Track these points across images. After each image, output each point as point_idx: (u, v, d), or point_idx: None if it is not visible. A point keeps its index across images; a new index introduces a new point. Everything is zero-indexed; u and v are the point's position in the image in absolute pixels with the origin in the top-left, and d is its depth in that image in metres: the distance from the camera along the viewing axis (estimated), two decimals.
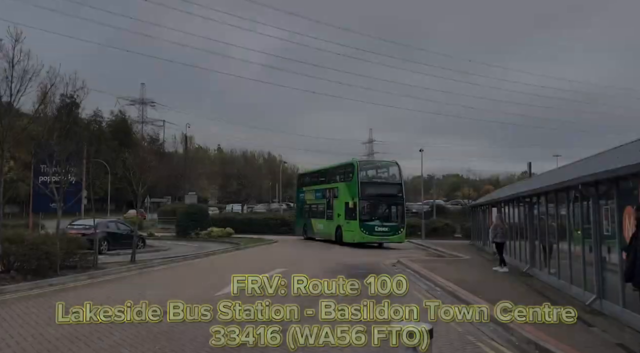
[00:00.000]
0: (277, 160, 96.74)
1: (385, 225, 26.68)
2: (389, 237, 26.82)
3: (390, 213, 27.38)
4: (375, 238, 26.55)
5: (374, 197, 26.92)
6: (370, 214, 26.72)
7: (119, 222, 25.31)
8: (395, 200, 27.38)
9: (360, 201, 26.43)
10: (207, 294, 11.04)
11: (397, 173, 28.26)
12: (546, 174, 19.57)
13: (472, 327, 8.40)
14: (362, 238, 26.29)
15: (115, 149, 60.32)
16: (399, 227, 27.13)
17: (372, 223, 26.44)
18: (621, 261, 8.01)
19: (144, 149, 27.06)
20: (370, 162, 31.31)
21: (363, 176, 27.65)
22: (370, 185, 27.29)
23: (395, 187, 27.64)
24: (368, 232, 26.20)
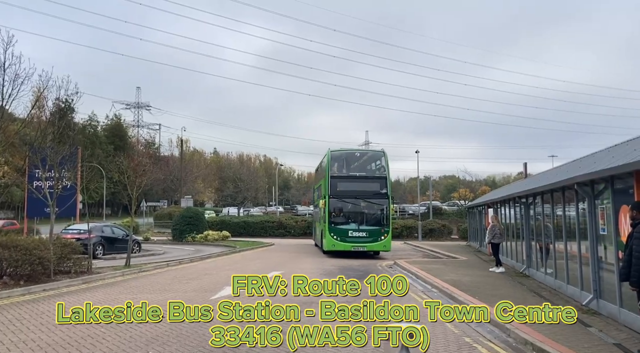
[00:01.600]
0: (274, 163, 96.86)
1: (363, 229, 21.90)
2: (368, 243, 21.84)
3: (370, 215, 22.38)
4: (348, 245, 21.71)
5: (348, 194, 22.13)
6: (343, 216, 22.30)
7: (114, 226, 25.17)
8: (377, 199, 22.19)
9: (330, 200, 22.00)
10: (202, 298, 10.97)
11: (382, 165, 22.92)
12: (542, 174, 19.57)
13: (469, 328, 8.36)
14: (331, 245, 21.83)
15: (111, 152, 60.16)
16: (382, 231, 22.07)
17: (344, 228, 21.91)
18: (617, 260, 7.98)
19: (139, 153, 26.93)
20: (348, 151, 24.63)
21: (336, 169, 22.97)
22: (343, 180, 22.42)
23: (377, 182, 22.34)
24: (340, 238, 21.69)
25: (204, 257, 21.69)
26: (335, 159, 23.20)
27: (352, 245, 21.69)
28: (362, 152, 25.01)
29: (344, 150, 24.99)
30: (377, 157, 23.58)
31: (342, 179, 22.46)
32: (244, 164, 79.91)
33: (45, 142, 15.11)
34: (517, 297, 11.19)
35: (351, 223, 22.07)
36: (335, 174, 22.45)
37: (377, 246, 22.06)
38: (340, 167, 23.27)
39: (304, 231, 40.28)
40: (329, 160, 22.62)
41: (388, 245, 22.24)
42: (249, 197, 68.88)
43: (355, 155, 24.80)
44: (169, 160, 69.45)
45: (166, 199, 66.27)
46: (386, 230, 22.14)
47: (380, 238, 22.00)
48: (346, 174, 23.04)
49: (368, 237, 21.88)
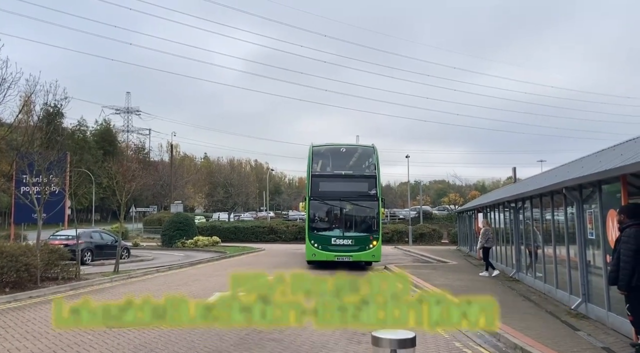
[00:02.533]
0: (265, 168, 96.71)
1: (349, 236, 18.89)
2: (354, 253, 18.69)
3: (357, 220, 19.55)
4: (331, 255, 18.58)
5: (331, 195, 19.36)
6: (326, 221, 19.55)
7: (102, 232, 24.95)
8: (366, 201, 19.24)
9: (311, 202, 19.21)
10: None
11: (372, 162, 19.98)
12: (531, 178, 19.70)
13: (458, 333, 8.37)
14: (311, 255, 18.94)
15: (100, 158, 59.77)
16: (370, 239, 18.97)
17: (326, 234, 18.98)
18: (605, 264, 8.03)
19: (128, 158, 26.79)
20: (333, 146, 21.30)
21: (319, 167, 20.37)
22: (326, 179, 19.73)
23: (366, 181, 19.47)
24: (321, 246, 18.74)
25: (193, 263, 21.55)
26: (318, 155, 20.35)
27: (336, 254, 18.57)
28: (349, 148, 21.26)
29: (328, 145, 21.41)
30: (366, 153, 20.58)
31: (326, 178, 19.74)
32: (234, 169, 79.57)
33: (32, 147, 14.97)
34: (507, 301, 11.22)
35: (335, 229, 19.14)
36: (317, 173, 19.76)
37: (365, 255, 18.90)
38: (323, 164, 20.63)
39: (295, 236, 40.21)
40: (311, 156, 19.78)
41: (378, 254, 19.03)
42: (240, 202, 68.65)
43: (340, 151, 21.04)
44: (158, 165, 69.12)
45: (156, 205, 65.88)
46: (375, 237, 18.94)
47: (369, 247, 18.83)
48: (330, 172, 20.25)
49: (354, 245, 18.78)
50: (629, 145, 9.06)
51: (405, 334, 3.45)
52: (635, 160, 6.63)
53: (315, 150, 20.24)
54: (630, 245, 6.27)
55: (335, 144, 21.48)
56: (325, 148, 21.03)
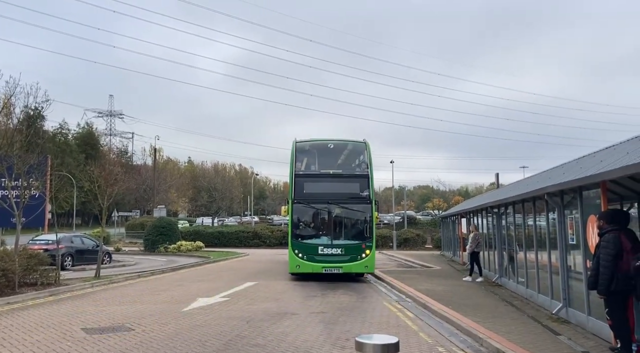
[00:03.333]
0: (249, 172, 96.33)
1: (338, 245, 16.51)
2: (344, 263, 16.38)
3: (348, 226, 17.21)
4: (318, 266, 16.33)
5: (318, 198, 16.90)
6: (311, 227, 17.18)
7: (83, 236, 24.60)
8: (357, 204, 16.90)
9: (294, 206, 16.85)
10: (174, 310, 10.77)
11: (364, 160, 17.70)
12: (513, 184, 19.92)
13: (442, 338, 8.40)
14: (295, 266, 16.61)
15: (82, 161, 59.00)
16: (363, 247, 16.61)
17: (312, 243, 16.60)
18: (585, 269, 8.14)
19: (111, 162, 26.46)
20: (319, 142, 19.14)
21: (303, 165, 18.11)
22: (312, 179, 17.39)
23: (357, 181, 17.19)
24: (306, 256, 16.44)
25: (176, 268, 21.35)
26: (302, 152, 18.10)
27: (323, 265, 16.31)
28: (337, 144, 18.97)
29: (314, 140, 19.23)
30: (358, 149, 18.34)
31: (311, 178, 17.40)
32: (218, 173, 79.26)
33: (12, 150, 14.71)
34: (489, 306, 11.31)
35: (322, 237, 16.76)
36: (301, 172, 17.42)
37: (357, 266, 16.56)
38: (308, 162, 18.39)
39: (280, 241, 40.14)
40: (294, 153, 17.47)
41: (371, 264, 16.78)
42: (224, 206, 68.31)
43: (328, 147, 18.63)
44: (141, 169, 68.50)
45: (138, 209, 65.25)
46: (368, 245, 16.60)
47: (361, 256, 16.46)
48: (316, 171, 17.89)
49: (344, 255, 16.44)
50: (609, 152, 9.22)
51: (389, 339, 3.45)
52: (615, 166, 6.75)
53: (299, 146, 17.92)
54: (610, 250, 6.37)
55: (321, 140, 19.25)
56: (310, 144, 18.85)
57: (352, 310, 10.96)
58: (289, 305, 11.71)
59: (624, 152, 7.74)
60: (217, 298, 12.50)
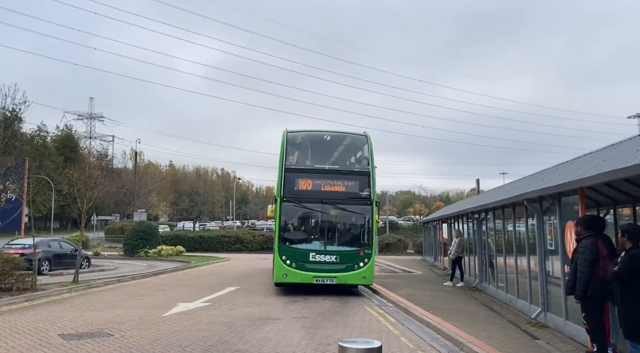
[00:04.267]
0: (232, 177, 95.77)
1: (332, 251, 14.36)
2: (339, 273, 14.21)
3: (344, 230, 15.04)
4: (308, 276, 14.14)
5: (310, 197, 14.72)
6: (302, 230, 15.10)
7: (62, 240, 24.16)
8: (356, 205, 14.73)
9: (282, 205, 14.65)
10: (154, 315, 10.65)
11: (364, 156, 15.73)
12: (493, 190, 20.20)
13: (423, 343, 8.46)
14: (282, 275, 14.30)
15: (61, 164, 58.03)
16: (361, 255, 14.37)
17: (302, 248, 14.47)
18: (563, 274, 8.28)
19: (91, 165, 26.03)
20: (314, 133, 17.00)
21: (295, 159, 15.85)
22: (304, 175, 15.11)
23: (356, 179, 15.05)
24: (295, 263, 14.22)
25: (157, 273, 21.11)
26: (294, 144, 15.96)
27: (315, 275, 14.11)
28: (334, 136, 16.65)
29: (308, 131, 17.01)
30: (357, 143, 16.27)
31: (303, 174, 15.09)
32: (200, 177, 78.57)
33: None
34: (470, 310, 11.42)
35: (314, 242, 14.61)
36: (292, 166, 15.08)
37: (353, 277, 14.28)
38: (301, 156, 16.22)
39: (262, 246, 40.00)
40: (284, 145, 15.21)
41: (370, 275, 14.43)
42: (206, 211, 67.80)
43: (323, 139, 16.30)
44: (122, 173, 67.65)
45: (118, 213, 64.33)
46: (367, 252, 14.40)
47: (358, 265, 14.25)
48: (310, 166, 15.63)
49: (339, 263, 14.24)
50: (586, 159, 9.42)
51: (372, 344, 3.47)
52: (592, 173, 6.90)
53: (290, 137, 15.66)
54: (587, 255, 6.49)
55: (316, 131, 17.18)
56: (303, 135, 16.58)
57: (334, 315, 10.97)
58: (271, 310, 11.67)
59: (600, 159, 7.92)
60: (198, 303, 12.39)
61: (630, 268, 5.77)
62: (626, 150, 7.33)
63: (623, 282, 5.84)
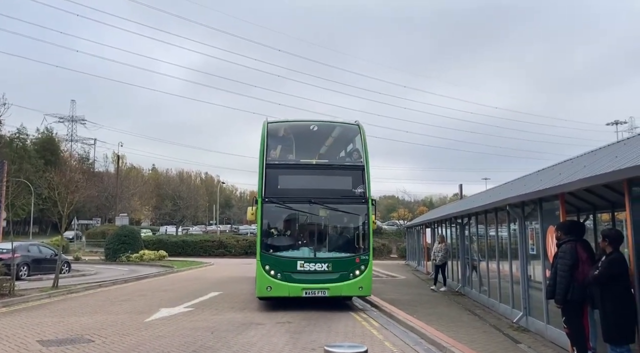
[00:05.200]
0: (215, 181, 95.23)
1: (324, 258, 12.48)
2: (332, 284, 12.29)
3: (336, 233, 13.40)
4: (296, 288, 12.18)
5: (296, 196, 12.92)
6: (287, 235, 13.23)
7: (41, 245, 23.77)
8: (349, 204, 12.95)
9: (264, 206, 12.71)
10: (136, 320, 10.52)
11: (356, 148, 13.94)
12: (476, 195, 20.40)
13: (407, 347, 8.48)
14: (265, 288, 12.23)
15: (41, 167, 57.10)
16: (357, 262, 12.56)
17: (288, 256, 12.54)
18: (544, 279, 8.39)
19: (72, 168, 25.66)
20: (298, 123, 15.15)
21: (277, 152, 13.85)
22: (287, 171, 13.32)
23: (349, 175, 13.27)
24: (280, 273, 12.25)
25: (139, 278, 20.87)
26: (276, 136, 14.03)
27: (304, 287, 12.20)
28: (322, 126, 14.63)
29: (292, 121, 15.11)
30: (349, 134, 14.53)
31: (287, 170, 13.29)
32: (183, 181, 78.07)
33: None
34: (453, 315, 11.50)
35: (302, 248, 12.73)
36: (274, 162, 13.13)
37: (349, 288, 12.40)
38: (285, 150, 14.29)
39: (245, 250, 39.78)
40: (265, 137, 13.25)
41: (367, 284, 12.56)
42: (189, 215, 67.27)
43: (310, 130, 14.40)
44: (104, 176, 66.75)
45: (100, 217, 63.52)
46: (364, 258, 12.57)
47: (354, 274, 12.38)
48: (294, 161, 13.76)
49: (332, 272, 12.34)
50: (567, 165, 9.59)
51: (357, 348, 3.48)
52: (573, 179, 7.02)
53: (271, 128, 13.78)
54: (566, 260, 6.58)
55: (301, 120, 15.44)
56: (287, 126, 14.62)
57: (318, 320, 10.95)
58: (255, 315, 11.60)
59: (581, 166, 8.06)
60: (181, 309, 12.27)
61: (611, 273, 5.88)
62: (605, 157, 7.48)
63: (603, 286, 5.94)
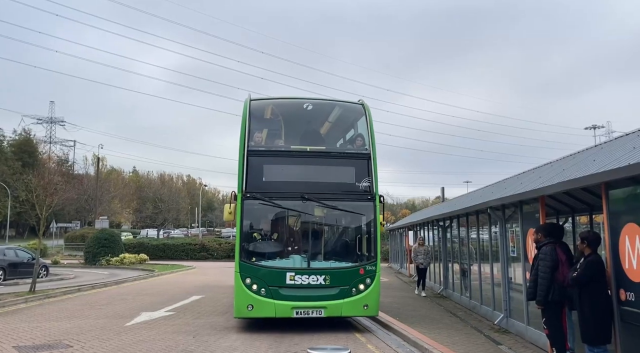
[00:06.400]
0: (197, 183, 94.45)
1: (319, 269, 9.94)
2: (329, 301, 9.83)
3: (335, 238, 11.16)
4: (285, 307, 9.72)
5: (285, 191, 10.31)
6: (273, 240, 10.64)
7: (18, 248, 23.30)
8: (352, 201, 10.48)
9: (245, 203, 10.05)
10: (116, 325, 10.37)
11: (359, 133, 11.31)
12: (458, 198, 20.59)
13: (389, 349, 8.51)
14: (245, 307, 9.70)
15: (18, 169, 56.05)
16: (361, 273, 10.12)
17: (275, 266, 9.92)
18: (525, 281, 8.50)
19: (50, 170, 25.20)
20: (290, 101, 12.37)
21: (263, 137, 11.10)
22: (274, 159, 10.74)
23: (351, 165, 10.73)
24: (265, 288, 9.69)
25: (119, 282, 20.58)
26: (261, 117, 11.41)
27: (294, 305, 9.70)
28: (318, 105, 12.09)
29: (281, 99, 12.53)
30: (351, 115, 11.81)
31: (275, 159, 10.65)
32: (165, 184, 77.21)
33: None
34: (435, 317, 11.57)
35: (292, 256, 10.01)
36: (258, 148, 10.48)
37: (351, 306, 9.91)
38: (272, 134, 11.57)
39: (228, 254, 39.43)
40: (246, 118, 10.50)
41: (373, 302, 10.07)
42: (170, 218, 66.58)
43: (304, 109, 11.62)
44: (83, 179, 65.73)
45: (79, 220, 62.51)
46: (370, 269, 10.14)
47: (358, 288, 9.92)
48: (283, 147, 11.05)
49: (329, 287, 9.82)
50: (547, 168, 9.74)
51: (340, 350, 3.47)
52: (552, 182, 7.13)
53: (255, 107, 11.09)
54: (547, 262, 6.68)
55: (292, 98, 12.68)
56: (275, 104, 11.96)
57: (301, 323, 10.89)
58: (237, 319, 11.50)
59: (560, 169, 8.20)
60: (162, 313, 12.13)
61: (589, 274, 5.98)
62: (584, 161, 7.61)
63: (582, 287, 6.04)
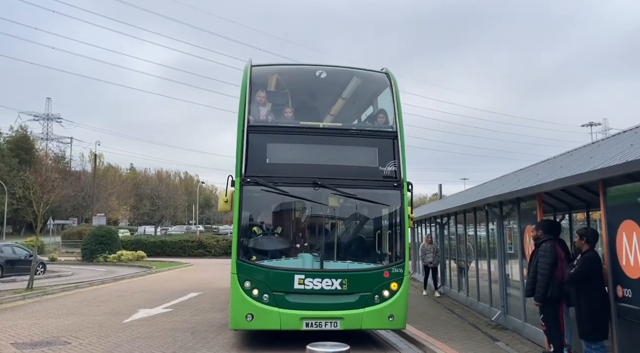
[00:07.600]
0: (195, 180, 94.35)
1: (333, 272, 7.86)
2: (346, 311, 7.75)
3: (353, 234, 8.89)
4: (293, 318, 7.69)
5: (293, 176, 8.28)
6: (279, 235, 8.66)
7: (15, 245, 23.29)
8: (374, 189, 8.50)
9: (244, 189, 8.09)
10: (113, 322, 10.37)
11: (384, 106, 9.32)
12: (455, 195, 20.63)
13: (386, 344, 8.54)
14: (244, 317, 7.62)
15: (15, 166, 55.92)
16: (385, 276, 8.03)
17: (280, 267, 7.93)
18: (522, 278, 8.53)
19: (47, 167, 25.15)
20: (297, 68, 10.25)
21: (265, 110, 9.02)
22: (280, 137, 8.70)
23: (373, 145, 8.76)
24: (268, 294, 7.71)
25: (116, 279, 20.58)
26: (263, 85, 9.40)
27: (304, 315, 7.76)
28: (334, 73, 9.91)
29: (289, 65, 11.15)
30: (373, 86, 9.92)
31: (280, 136, 8.76)
32: (162, 181, 77.19)
33: None
34: (433, 313, 11.61)
35: (301, 256, 8.17)
36: (260, 124, 8.71)
37: (373, 317, 7.97)
38: (278, 107, 9.39)
39: (225, 251, 39.41)
40: (247, 87, 8.67)
41: (400, 311, 8.11)
42: (168, 215, 66.56)
43: (316, 77, 9.70)
44: (80, 176, 65.65)
45: (76, 217, 62.41)
46: (397, 272, 8.16)
47: (382, 296, 8.01)
48: (291, 123, 8.94)
49: (347, 293, 7.88)
50: (544, 165, 9.77)
51: (340, 347, 3.49)
52: (550, 179, 7.15)
53: (257, 74, 9.22)
54: (547, 259, 6.70)
55: (303, 65, 10.71)
56: (281, 71, 10.12)
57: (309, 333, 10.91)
58: None
59: (557, 166, 8.22)
60: (160, 309, 12.14)
61: (587, 270, 6.01)
62: (581, 158, 7.64)
63: (579, 283, 6.07)
